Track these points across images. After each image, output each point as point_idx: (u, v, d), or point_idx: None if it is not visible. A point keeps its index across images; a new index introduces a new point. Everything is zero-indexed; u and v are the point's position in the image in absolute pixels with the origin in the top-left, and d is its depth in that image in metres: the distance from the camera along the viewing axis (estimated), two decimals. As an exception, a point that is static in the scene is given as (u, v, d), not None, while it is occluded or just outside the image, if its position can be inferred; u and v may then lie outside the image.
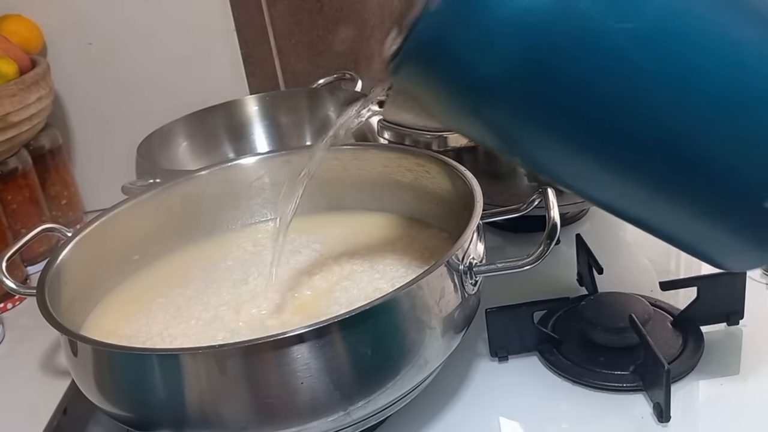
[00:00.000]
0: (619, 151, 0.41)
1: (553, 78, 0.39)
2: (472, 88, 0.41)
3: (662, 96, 0.39)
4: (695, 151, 0.40)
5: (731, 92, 0.39)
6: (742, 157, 0.40)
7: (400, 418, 0.52)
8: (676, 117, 0.39)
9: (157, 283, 0.61)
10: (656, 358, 0.49)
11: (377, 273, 0.57)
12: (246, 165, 0.67)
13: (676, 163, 0.41)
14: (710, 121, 0.39)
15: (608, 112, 0.40)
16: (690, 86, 0.39)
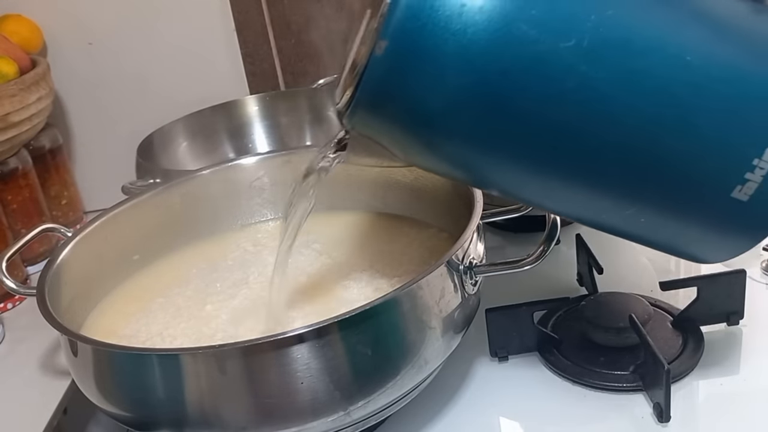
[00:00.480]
0: (581, 166, 0.42)
1: (507, 105, 0.40)
2: (427, 125, 0.41)
3: (614, 106, 0.40)
4: (653, 154, 0.41)
5: (678, 93, 0.40)
6: (698, 154, 0.41)
7: (400, 418, 0.52)
8: (630, 124, 0.40)
9: (157, 283, 0.61)
10: (656, 358, 0.49)
11: (377, 273, 0.57)
12: (246, 165, 0.67)
13: (637, 169, 0.42)
14: (662, 123, 0.40)
15: (566, 130, 0.40)
16: (637, 92, 0.40)
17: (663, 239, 0.47)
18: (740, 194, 0.41)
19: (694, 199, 0.43)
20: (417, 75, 0.39)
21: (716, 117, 0.40)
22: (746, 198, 0.41)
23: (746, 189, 0.41)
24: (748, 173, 0.41)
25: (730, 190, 0.41)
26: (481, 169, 0.44)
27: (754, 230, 0.44)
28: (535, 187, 0.45)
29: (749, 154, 0.40)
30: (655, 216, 0.44)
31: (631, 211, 0.44)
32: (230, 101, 0.92)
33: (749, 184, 0.41)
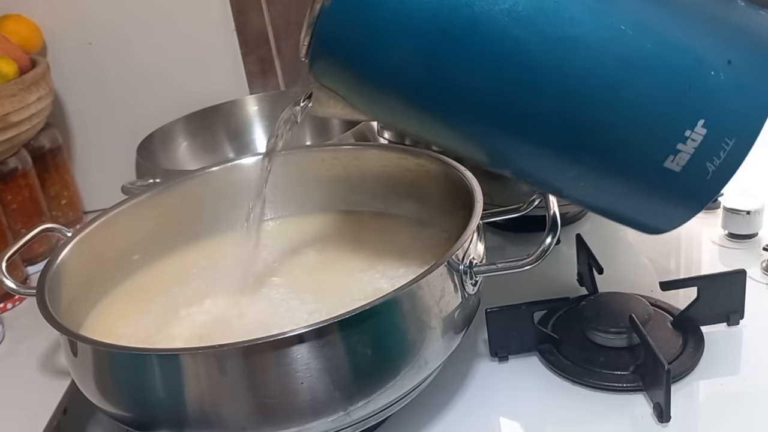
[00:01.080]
0: (518, 127, 0.43)
1: (444, 63, 0.41)
2: (373, 77, 0.44)
3: (546, 72, 0.41)
4: (585, 122, 0.42)
5: (609, 64, 0.41)
6: (630, 123, 0.42)
7: (400, 418, 0.52)
8: (561, 91, 0.41)
9: (157, 282, 0.61)
10: (656, 358, 0.49)
11: (377, 273, 0.57)
12: (246, 165, 0.67)
13: (571, 134, 0.43)
14: (593, 93, 0.41)
15: (500, 91, 0.42)
16: (569, 60, 0.41)
17: (605, 205, 0.48)
18: (673, 164, 0.42)
19: (628, 167, 0.44)
20: (361, 28, 0.41)
21: (647, 89, 0.41)
22: (679, 169, 0.42)
23: (678, 160, 0.42)
24: (680, 144, 0.42)
25: (662, 160, 0.42)
26: (427, 125, 0.46)
27: (689, 201, 0.45)
28: (476, 144, 0.46)
29: (681, 125, 0.41)
30: (594, 181, 0.45)
31: (571, 175, 0.45)
32: (230, 101, 0.92)
33: (681, 155, 0.42)
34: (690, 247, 0.71)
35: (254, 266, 0.60)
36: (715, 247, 0.69)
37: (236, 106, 0.93)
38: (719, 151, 0.42)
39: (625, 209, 0.48)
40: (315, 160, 0.67)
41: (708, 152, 0.42)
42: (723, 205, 0.69)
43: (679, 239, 0.72)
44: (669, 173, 0.43)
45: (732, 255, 0.67)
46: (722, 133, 0.42)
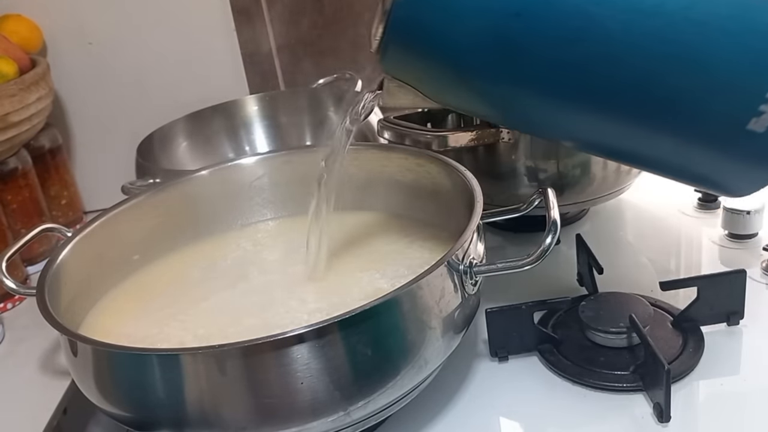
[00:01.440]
0: (598, 102, 0.44)
1: (522, 44, 0.42)
2: (451, 63, 0.44)
3: (622, 45, 0.41)
4: (664, 91, 0.43)
5: (685, 30, 0.41)
6: (710, 90, 0.42)
7: (400, 418, 0.52)
8: (639, 63, 0.42)
9: (156, 282, 0.61)
10: (656, 358, 0.49)
11: (377, 273, 0.57)
12: (246, 165, 0.67)
13: (651, 105, 0.43)
14: (670, 62, 0.42)
15: (579, 69, 0.43)
16: (645, 31, 0.41)
17: (687, 170, 0.49)
18: (756, 126, 0.42)
19: (711, 132, 0.44)
20: (437, 14, 0.42)
21: (724, 54, 0.41)
22: (763, 129, 0.42)
23: (762, 121, 0.42)
24: (762, 105, 0.42)
25: (745, 123, 0.42)
26: (506, 107, 0.47)
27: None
28: (558, 122, 0.47)
29: (762, 87, 0.41)
30: (676, 147, 0.46)
31: (655, 143, 0.46)
32: (230, 101, 0.92)
33: (765, 117, 0.42)
34: (690, 247, 0.71)
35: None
36: (715, 247, 0.69)
37: (236, 106, 0.93)
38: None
39: (708, 172, 0.48)
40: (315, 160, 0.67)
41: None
42: (723, 205, 0.69)
43: (679, 239, 0.72)
44: (752, 135, 0.43)
45: (732, 255, 0.67)
46: None
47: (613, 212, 0.78)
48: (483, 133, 0.65)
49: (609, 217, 0.77)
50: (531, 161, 0.66)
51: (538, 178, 0.67)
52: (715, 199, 0.75)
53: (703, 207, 0.75)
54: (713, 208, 0.74)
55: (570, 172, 0.67)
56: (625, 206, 0.78)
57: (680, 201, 0.77)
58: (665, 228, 0.74)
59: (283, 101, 0.94)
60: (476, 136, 0.65)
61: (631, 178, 0.70)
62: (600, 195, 0.70)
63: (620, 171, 0.68)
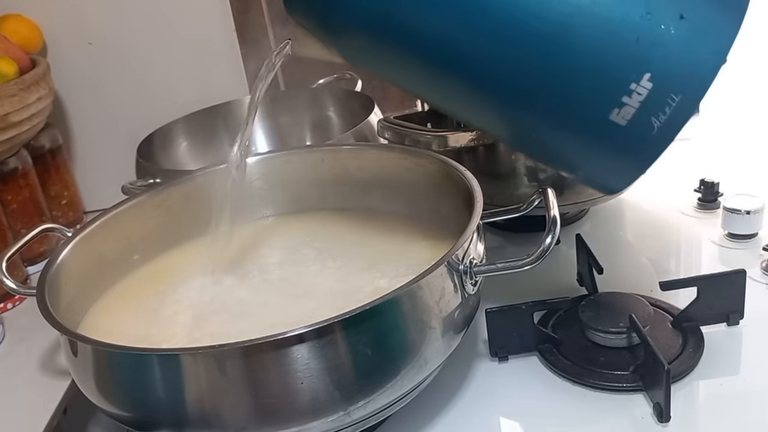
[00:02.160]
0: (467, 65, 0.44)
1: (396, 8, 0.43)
2: (334, 13, 0.46)
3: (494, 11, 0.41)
4: (532, 65, 0.42)
5: (557, 9, 0.41)
6: (577, 70, 0.42)
7: (400, 418, 0.52)
8: (511, 32, 0.42)
9: (156, 282, 0.61)
10: (656, 358, 0.49)
11: (377, 273, 0.57)
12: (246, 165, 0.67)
13: (518, 80, 0.43)
14: (540, 37, 0.41)
15: (449, 30, 0.43)
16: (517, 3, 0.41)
17: (556, 158, 0.49)
18: (618, 118, 0.42)
19: (575, 118, 0.44)
20: None
21: (594, 38, 0.41)
22: (624, 122, 0.42)
23: (623, 113, 0.42)
24: (625, 97, 0.41)
25: (607, 113, 0.42)
26: (384, 63, 0.48)
27: (636, 157, 0.45)
28: (427, 85, 0.48)
29: (626, 78, 0.41)
30: (543, 132, 0.46)
31: (522, 124, 0.46)
32: (230, 101, 0.92)
33: (626, 108, 0.41)
34: (690, 247, 0.71)
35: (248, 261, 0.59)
36: (715, 247, 0.69)
37: (236, 106, 0.93)
38: (665, 106, 0.42)
39: (576, 163, 0.48)
40: (315, 160, 0.67)
41: (653, 107, 0.42)
42: (723, 205, 0.69)
43: (678, 239, 0.72)
44: (614, 126, 0.42)
45: (732, 255, 0.67)
46: (669, 88, 0.41)
47: (613, 212, 0.78)
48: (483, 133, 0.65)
49: (609, 217, 0.77)
50: (531, 161, 0.66)
51: (538, 178, 0.67)
52: (715, 199, 0.75)
53: (702, 207, 0.75)
54: (713, 208, 0.74)
55: (570, 172, 0.67)
56: (625, 206, 0.78)
57: (680, 201, 0.77)
58: (665, 228, 0.74)
59: (283, 101, 0.94)
60: (476, 136, 0.64)
61: (631, 178, 0.70)
62: (600, 195, 0.70)
63: (620, 171, 0.68)
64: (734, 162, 0.81)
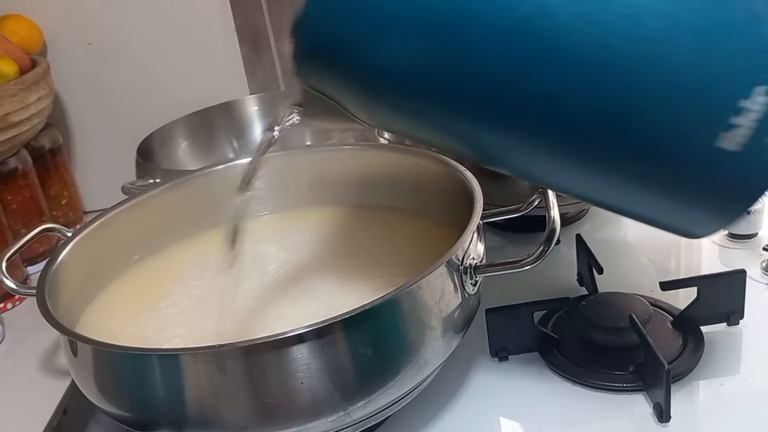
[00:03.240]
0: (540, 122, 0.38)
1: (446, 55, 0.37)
2: (358, 74, 0.40)
3: (573, 39, 0.35)
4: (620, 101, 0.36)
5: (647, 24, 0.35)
6: (671, 97, 0.36)
7: (400, 418, 0.52)
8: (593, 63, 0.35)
9: (156, 282, 0.61)
10: (656, 358, 0.49)
11: (377, 272, 0.57)
12: (246, 165, 0.67)
13: (605, 124, 0.37)
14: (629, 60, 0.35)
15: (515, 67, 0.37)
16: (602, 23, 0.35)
17: (647, 209, 0.42)
18: (727, 143, 0.36)
19: (673, 154, 0.37)
20: (342, 24, 0.38)
21: (689, 53, 0.35)
22: (736, 147, 0.36)
23: (734, 136, 0.35)
24: (733, 117, 0.35)
25: (713, 140, 0.36)
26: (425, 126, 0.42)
27: (751, 184, 0.38)
28: (478, 142, 0.41)
29: (733, 94, 0.35)
30: (633, 180, 0.39)
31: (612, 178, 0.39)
32: (230, 101, 0.92)
33: (738, 131, 0.35)
34: (690, 247, 0.71)
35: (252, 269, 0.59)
36: (715, 247, 0.69)
37: (236, 106, 0.93)
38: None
39: (674, 208, 0.41)
40: (315, 161, 0.67)
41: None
42: (723, 205, 0.69)
43: (679, 239, 0.72)
44: (723, 155, 0.36)
45: (732, 255, 0.67)
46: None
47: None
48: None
49: (609, 217, 0.77)
50: (531, 161, 0.66)
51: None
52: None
53: (703, 207, 0.75)
54: (713, 208, 0.74)
55: (570, 172, 0.66)
56: (625, 206, 0.78)
57: (680, 201, 0.77)
58: (665, 228, 0.74)
59: (283, 101, 0.94)
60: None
61: (631, 178, 0.70)
62: (600, 195, 0.70)
63: (620, 171, 0.68)
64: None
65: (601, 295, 0.59)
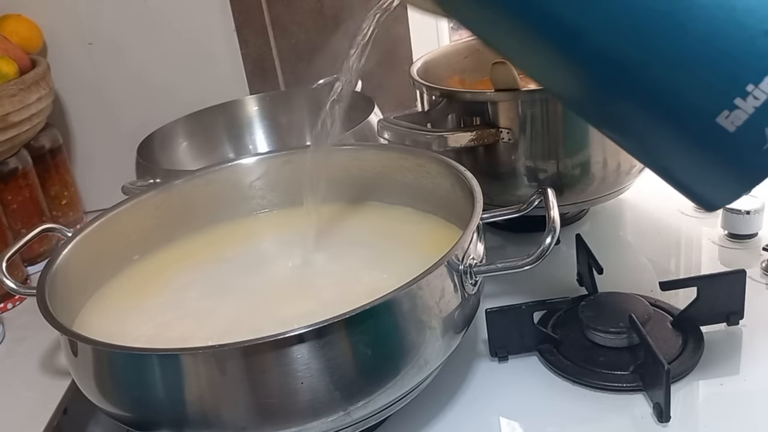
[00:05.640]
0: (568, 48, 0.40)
1: None
2: None
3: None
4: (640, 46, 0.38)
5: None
6: (688, 63, 0.37)
7: (400, 418, 0.52)
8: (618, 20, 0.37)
9: (156, 282, 0.61)
10: (656, 358, 0.49)
11: (377, 272, 0.57)
12: (246, 165, 0.67)
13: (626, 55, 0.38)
14: (652, 25, 0.37)
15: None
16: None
17: (648, 153, 0.44)
18: (726, 122, 0.36)
19: (679, 111, 0.38)
20: None
21: (711, 22, 0.36)
22: (733, 128, 0.36)
23: (734, 118, 0.36)
24: (738, 99, 0.36)
25: (715, 114, 0.37)
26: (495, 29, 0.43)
27: (739, 172, 0.39)
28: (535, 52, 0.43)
29: (743, 77, 0.36)
30: (643, 118, 0.40)
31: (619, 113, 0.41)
32: (230, 101, 0.92)
33: (738, 113, 0.36)
34: (690, 247, 0.71)
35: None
36: (715, 247, 0.69)
37: (236, 106, 0.93)
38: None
39: (671, 166, 0.42)
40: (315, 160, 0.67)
41: None
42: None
43: (678, 239, 0.72)
44: (720, 131, 0.36)
45: (732, 255, 0.67)
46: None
47: (613, 212, 0.78)
48: (482, 134, 0.65)
49: (609, 217, 0.77)
50: (531, 161, 0.66)
51: (538, 178, 0.67)
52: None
53: (703, 207, 0.75)
54: (713, 208, 0.74)
55: (570, 172, 0.67)
56: (625, 206, 0.78)
57: (680, 201, 0.76)
58: (665, 228, 0.74)
59: (283, 101, 0.94)
60: (476, 137, 0.65)
61: (630, 178, 0.70)
62: (600, 195, 0.70)
63: (620, 171, 0.68)
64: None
65: (601, 295, 0.59)
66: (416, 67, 0.76)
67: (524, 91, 0.64)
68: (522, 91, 0.64)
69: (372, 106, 0.80)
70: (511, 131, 0.65)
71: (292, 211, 0.68)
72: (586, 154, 0.66)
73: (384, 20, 0.51)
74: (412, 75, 0.74)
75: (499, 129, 0.65)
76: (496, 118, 0.65)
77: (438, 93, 0.69)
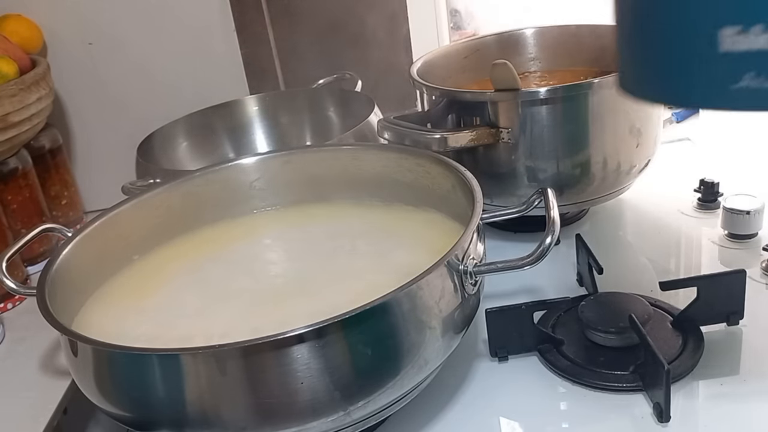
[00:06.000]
0: None
1: None
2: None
3: None
4: None
5: None
6: None
7: (400, 418, 0.52)
8: None
9: (156, 282, 0.61)
10: (656, 358, 0.49)
11: (377, 272, 0.57)
12: (246, 165, 0.67)
13: None
14: None
15: None
16: None
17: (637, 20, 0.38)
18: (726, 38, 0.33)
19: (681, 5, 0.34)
20: None
21: None
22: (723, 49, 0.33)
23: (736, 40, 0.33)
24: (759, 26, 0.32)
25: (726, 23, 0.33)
26: None
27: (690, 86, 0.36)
28: None
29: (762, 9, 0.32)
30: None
31: None
32: (230, 101, 0.92)
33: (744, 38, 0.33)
34: (690, 247, 0.71)
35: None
36: (715, 247, 0.69)
37: (236, 106, 0.93)
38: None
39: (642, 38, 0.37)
40: (315, 160, 0.67)
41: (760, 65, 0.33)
42: (723, 205, 0.69)
43: (678, 239, 0.72)
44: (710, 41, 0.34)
45: (732, 255, 0.67)
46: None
47: (613, 212, 0.78)
48: (482, 134, 0.65)
49: (609, 217, 0.77)
50: (531, 161, 0.66)
51: (538, 178, 0.67)
52: (715, 200, 0.75)
53: (702, 207, 0.75)
54: (713, 208, 0.74)
55: (570, 172, 0.67)
56: (625, 206, 0.78)
57: (680, 201, 0.77)
58: (665, 228, 0.74)
59: (283, 101, 0.94)
60: (475, 137, 0.65)
61: (630, 178, 0.70)
62: (600, 195, 0.70)
63: (620, 171, 0.68)
64: (734, 162, 0.81)
65: (601, 295, 0.59)
66: (416, 67, 0.76)
67: (524, 91, 0.64)
68: (522, 91, 0.64)
69: (372, 106, 0.80)
70: (511, 131, 0.65)
71: (291, 210, 0.68)
72: (586, 154, 0.66)
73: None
74: (412, 75, 0.74)
75: (499, 129, 0.65)
76: (496, 118, 0.65)
77: (438, 93, 0.69)
